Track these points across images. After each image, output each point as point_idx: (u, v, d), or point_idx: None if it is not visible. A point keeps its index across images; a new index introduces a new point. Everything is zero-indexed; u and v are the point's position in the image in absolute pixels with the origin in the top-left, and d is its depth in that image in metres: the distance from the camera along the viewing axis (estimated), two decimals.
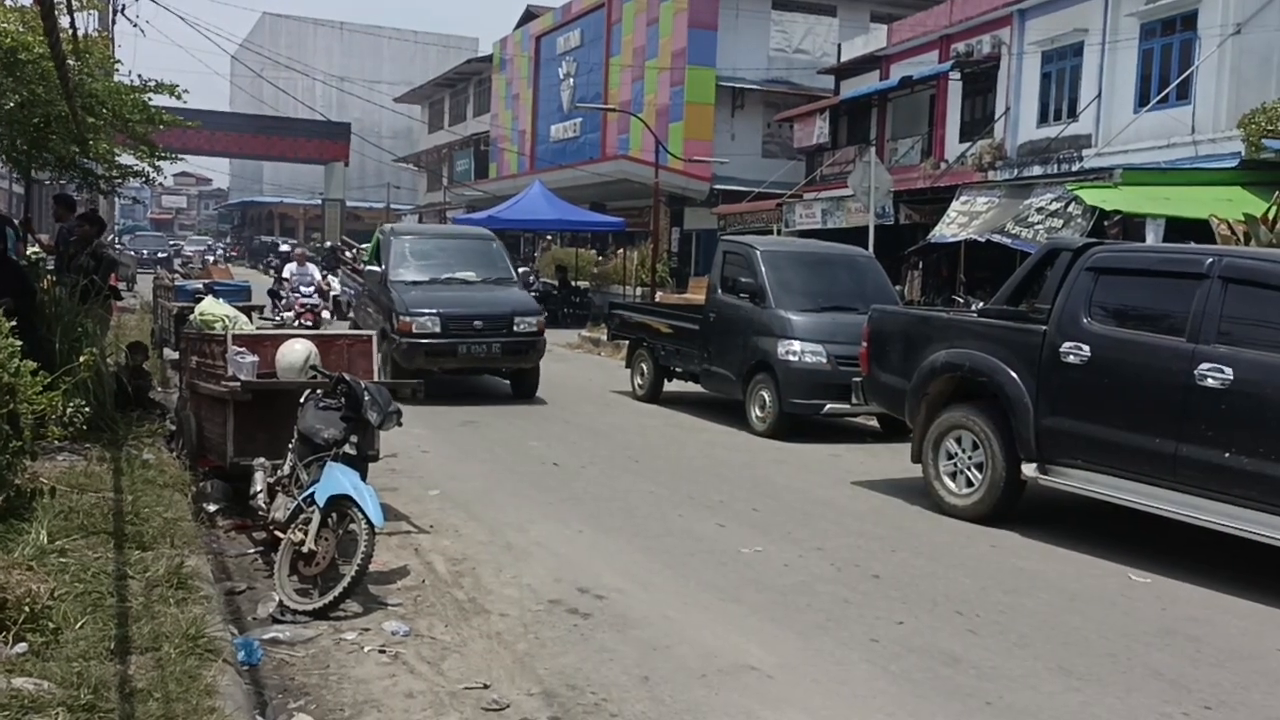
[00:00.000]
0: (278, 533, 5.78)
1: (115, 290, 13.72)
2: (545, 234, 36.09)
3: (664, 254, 29.59)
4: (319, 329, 14.72)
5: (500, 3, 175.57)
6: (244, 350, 6.77)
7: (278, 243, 49.47)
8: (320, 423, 5.84)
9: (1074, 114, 20.94)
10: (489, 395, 13.44)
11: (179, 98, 12.25)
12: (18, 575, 4.43)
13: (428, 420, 10.86)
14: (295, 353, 6.66)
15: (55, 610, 4.31)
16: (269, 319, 17.71)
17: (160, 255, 45.75)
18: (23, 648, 4.00)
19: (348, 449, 5.68)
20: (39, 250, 11.65)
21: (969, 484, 7.71)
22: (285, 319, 17.73)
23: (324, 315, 19.04)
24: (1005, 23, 22.69)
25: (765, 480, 8.97)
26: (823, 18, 32.92)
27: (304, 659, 4.69)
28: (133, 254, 41.24)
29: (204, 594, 4.93)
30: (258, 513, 6.23)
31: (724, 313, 12.05)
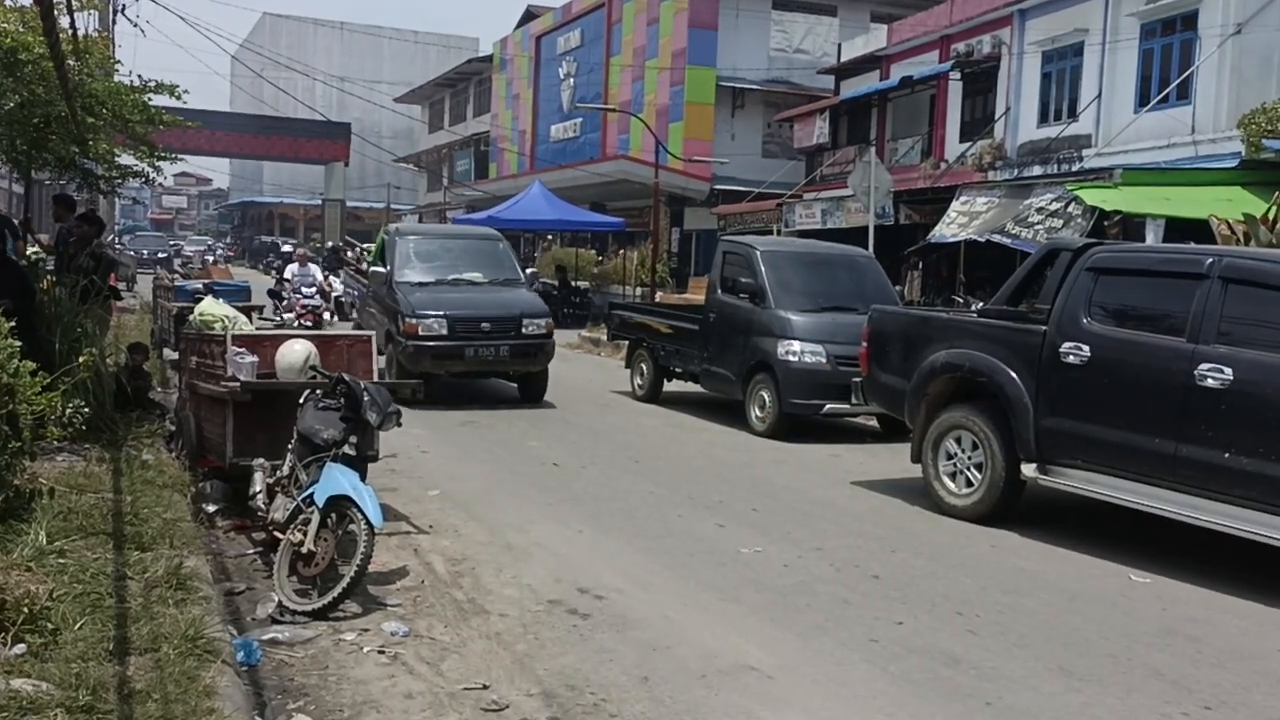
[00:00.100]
0: (277, 533, 5.78)
1: (115, 290, 13.74)
2: (545, 234, 36.09)
3: (664, 254, 29.59)
4: (320, 330, 14.70)
5: (500, 3, 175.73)
6: (243, 351, 6.78)
7: (278, 243, 49.51)
8: (320, 423, 5.85)
9: (1074, 114, 20.94)
10: (489, 396, 13.43)
11: (179, 98, 12.26)
12: (16, 576, 4.43)
13: (427, 421, 10.86)
14: (295, 353, 6.66)
15: (54, 611, 4.31)
16: (269, 319, 17.69)
17: (160, 255, 45.70)
18: (21, 649, 3.99)
19: (347, 449, 5.68)
20: (39, 250, 11.64)
21: (969, 484, 7.71)
22: (285, 320, 17.69)
23: (325, 317, 18.98)
24: (1005, 23, 22.69)
25: (765, 480, 8.97)
26: (823, 18, 32.93)
27: (303, 660, 4.69)
28: (133, 254, 41.23)
29: (203, 595, 4.93)
30: (257, 513, 6.23)
31: (724, 313, 12.05)
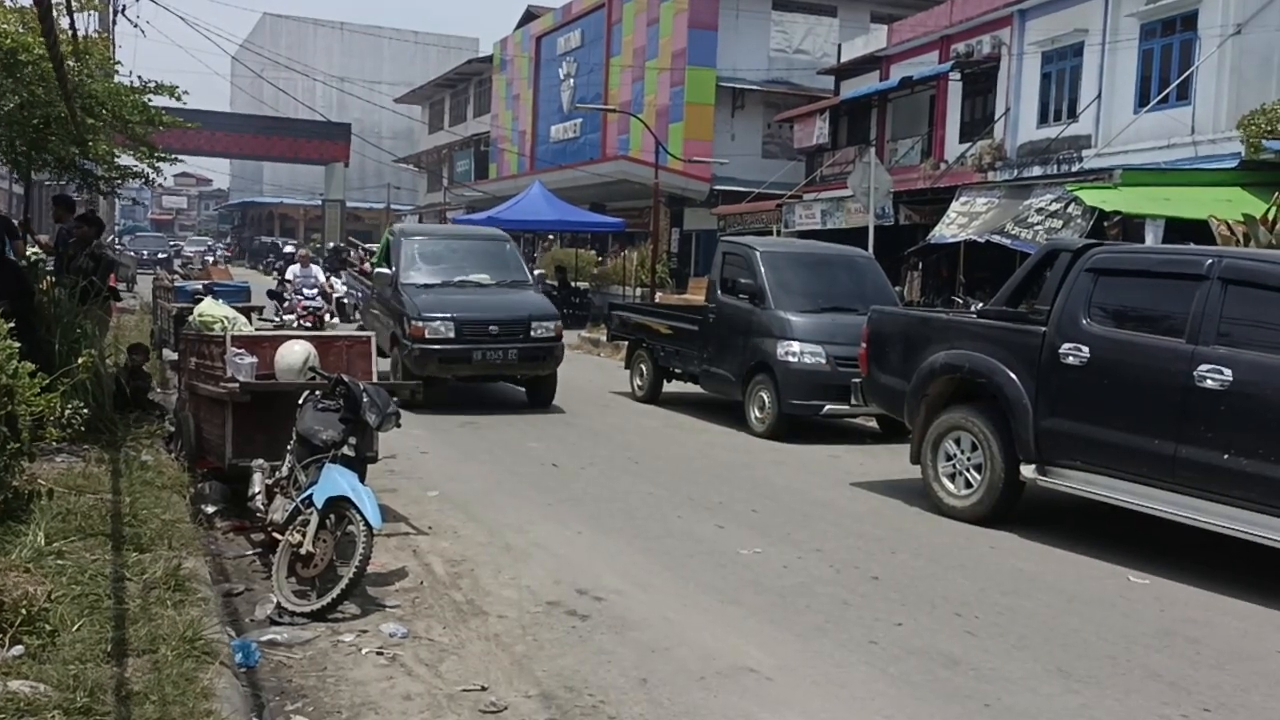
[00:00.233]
0: (276, 534, 5.78)
1: (115, 291, 13.74)
2: (545, 235, 36.08)
3: (664, 255, 29.58)
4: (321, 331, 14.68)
5: (500, 3, 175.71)
6: (243, 351, 6.77)
7: (278, 243, 49.49)
8: (319, 424, 5.85)
9: (1074, 114, 20.92)
10: (489, 396, 13.42)
11: (179, 99, 12.25)
12: (14, 577, 4.42)
13: (427, 421, 10.86)
14: (294, 354, 6.66)
15: (52, 612, 4.30)
16: (268, 320, 17.66)
17: (160, 256, 45.72)
18: (19, 650, 3.99)
19: (346, 450, 5.68)
20: (38, 251, 11.64)
21: (968, 485, 7.71)
22: (286, 321, 17.66)
23: (326, 319, 18.90)
24: (1005, 23, 22.68)
25: (764, 481, 8.97)
26: (823, 18, 32.92)
27: (302, 661, 4.68)
28: (133, 254, 41.24)
29: (201, 596, 4.92)
30: (256, 514, 6.22)
31: (723, 313, 12.04)
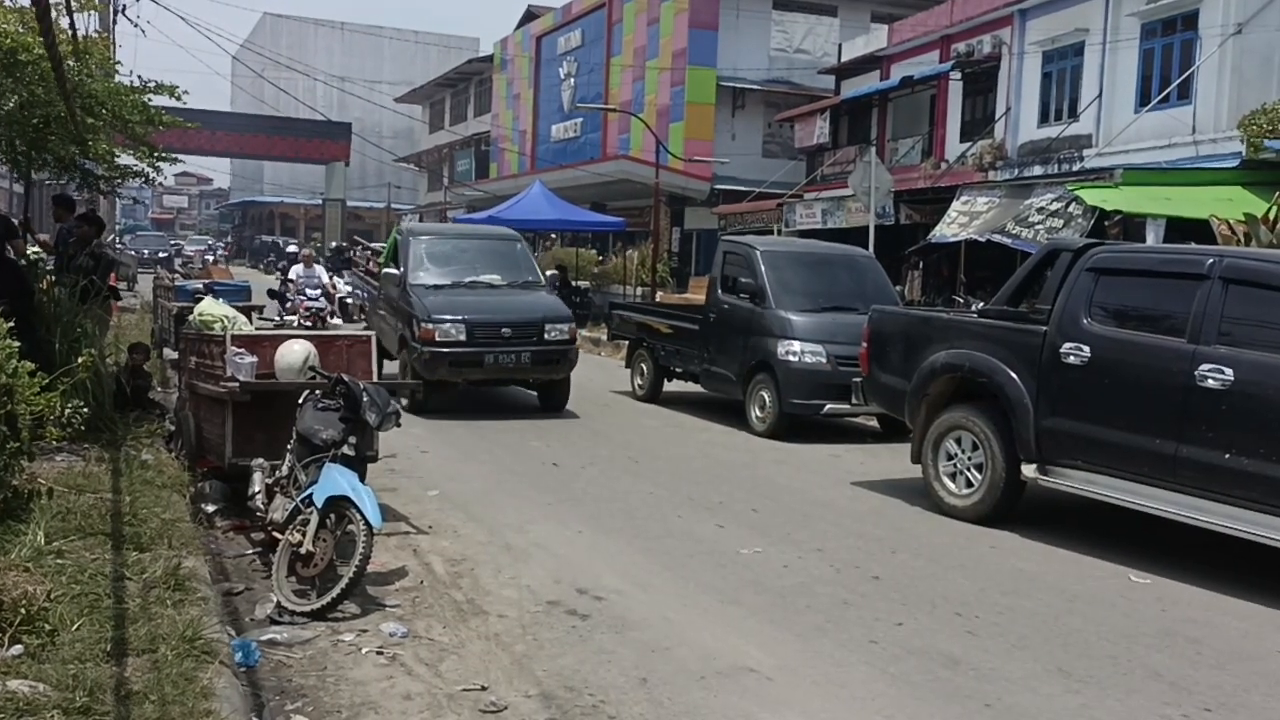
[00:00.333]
0: (276, 534, 5.78)
1: (115, 290, 13.73)
2: (546, 234, 36.06)
3: (664, 254, 29.57)
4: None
5: (501, 3, 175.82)
6: (243, 351, 6.77)
7: (279, 242, 49.48)
8: (319, 423, 5.84)
9: (1074, 114, 20.92)
10: (488, 396, 13.41)
11: (179, 99, 12.24)
12: (14, 577, 4.42)
13: (427, 421, 10.84)
14: (294, 353, 6.65)
15: (52, 612, 4.30)
16: (269, 320, 17.63)
17: (161, 255, 45.69)
18: (18, 650, 3.98)
19: (346, 450, 5.68)
20: (38, 250, 11.63)
21: (969, 485, 7.70)
22: (288, 322, 17.62)
23: (328, 319, 18.83)
24: (1006, 23, 22.68)
25: (765, 481, 8.96)
26: (823, 18, 32.91)
27: (301, 660, 4.68)
28: (133, 254, 41.28)
29: (201, 595, 4.92)
30: (256, 513, 6.22)
31: (724, 313, 12.04)
